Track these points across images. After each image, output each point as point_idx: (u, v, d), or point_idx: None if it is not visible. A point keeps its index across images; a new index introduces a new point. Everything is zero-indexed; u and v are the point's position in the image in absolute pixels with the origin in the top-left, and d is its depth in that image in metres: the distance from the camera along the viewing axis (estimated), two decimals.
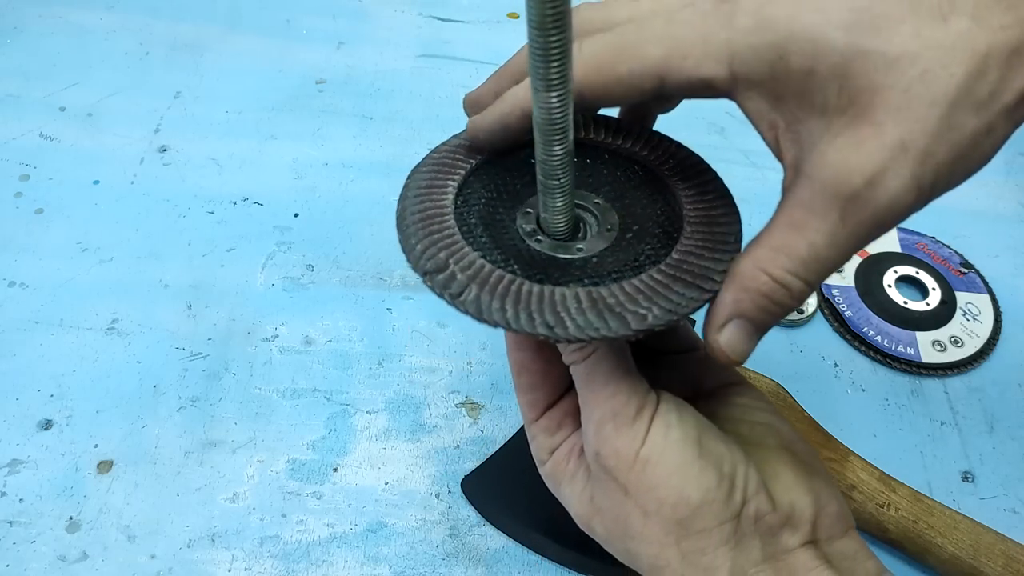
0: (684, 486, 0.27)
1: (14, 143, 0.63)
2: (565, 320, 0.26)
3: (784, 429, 0.31)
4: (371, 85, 0.69)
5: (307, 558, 0.44)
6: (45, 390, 0.49)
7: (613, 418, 0.28)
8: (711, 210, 0.31)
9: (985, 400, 0.51)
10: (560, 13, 0.22)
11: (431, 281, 0.29)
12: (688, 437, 0.28)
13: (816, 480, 0.29)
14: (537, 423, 0.32)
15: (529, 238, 0.31)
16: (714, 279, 0.28)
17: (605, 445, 0.28)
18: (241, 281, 0.55)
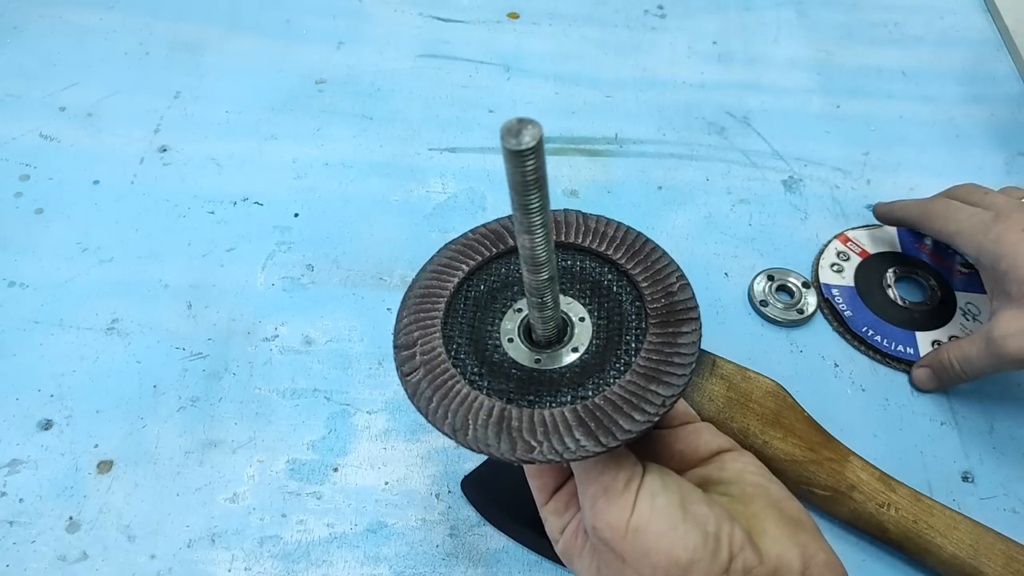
0: (672, 548, 0.29)
1: (14, 143, 0.63)
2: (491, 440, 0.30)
3: (773, 488, 0.33)
4: (371, 85, 0.69)
5: (307, 558, 0.44)
6: (45, 390, 0.50)
7: (604, 492, 0.30)
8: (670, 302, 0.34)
9: (985, 400, 0.51)
10: (534, 180, 0.25)
11: (396, 354, 0.34)
12: (672, 503, 0.30)
13: (803, 533, 0.31)
14: (547, 506, 0.34)
15: (505, 337, 0.34)
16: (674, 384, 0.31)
17: (599, 519, 0.30)
18: (241, 281, 0.55)
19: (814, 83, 0.70)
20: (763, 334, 0.54)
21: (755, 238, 0.59)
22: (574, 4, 0.76)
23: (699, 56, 0.72)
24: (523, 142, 0.24)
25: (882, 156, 0.65)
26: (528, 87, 0.69)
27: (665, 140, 0.65)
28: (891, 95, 0.69)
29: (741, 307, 0.55)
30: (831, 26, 0.75)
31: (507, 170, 0.25)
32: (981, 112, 0.68)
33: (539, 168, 0.25)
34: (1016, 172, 0.64)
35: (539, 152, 0.25)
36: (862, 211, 0.61)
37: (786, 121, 0.67)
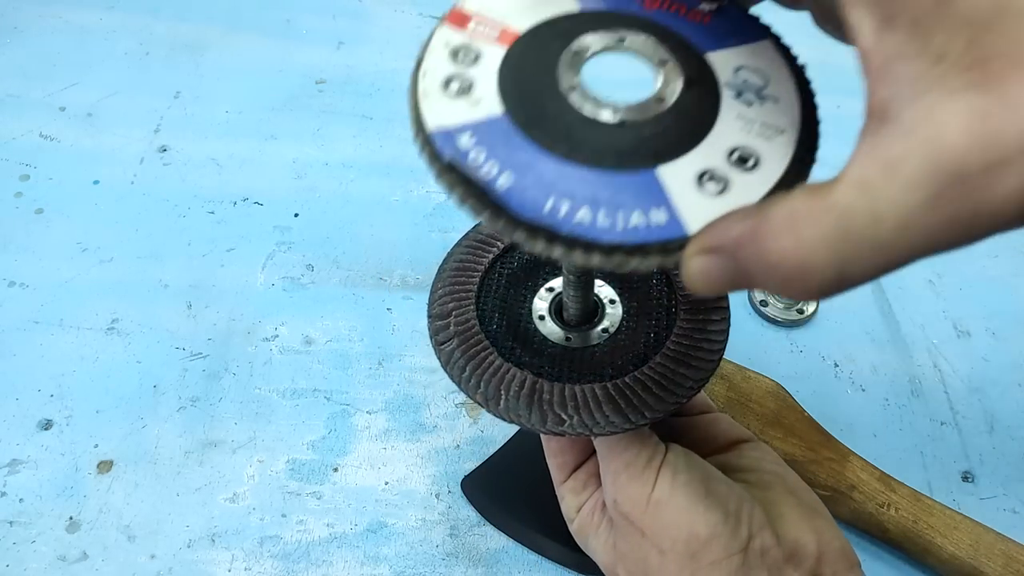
0: (693, 523, 0.29)
1: (14, 143, 0.63)
2: (522, 411, 0.31)
3: (790, 478, 0.33)
4: (371, 85, 0.69)
5: (307, 558, 0.44)
6: (45, 390, 0.49)
7: (627, 468, 0.31)
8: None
9: (985, 400, 0.51)
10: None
11: (430, 324, 0.34)
12: (694, 479, 0.30)
13: (819, 520, 0.31)
14: (565, 484, 0.35)
15: (536, 315, 0.35)
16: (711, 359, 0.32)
17: (621, 492, 0.31)
18: (241, 281, 0.55)
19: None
20: (763, 334, 0.54)
21: None
22: None
23: None
24: None
25: None
26: None
27: None
28: None
29: (741, 307, 0.55)
30: None
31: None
32: None
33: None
34: None
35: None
36: None
37: None
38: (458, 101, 0.24)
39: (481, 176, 0.23)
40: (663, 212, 0.22)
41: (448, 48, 0.25)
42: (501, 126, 0.23)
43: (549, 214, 0.22)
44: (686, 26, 0.26)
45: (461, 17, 0.26)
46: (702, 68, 0.25)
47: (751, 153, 0.23)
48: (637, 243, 0.22)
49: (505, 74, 0.25)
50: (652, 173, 0.23)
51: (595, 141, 0.23)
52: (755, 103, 0.24)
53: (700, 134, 0.24)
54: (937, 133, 0.17)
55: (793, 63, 0.26)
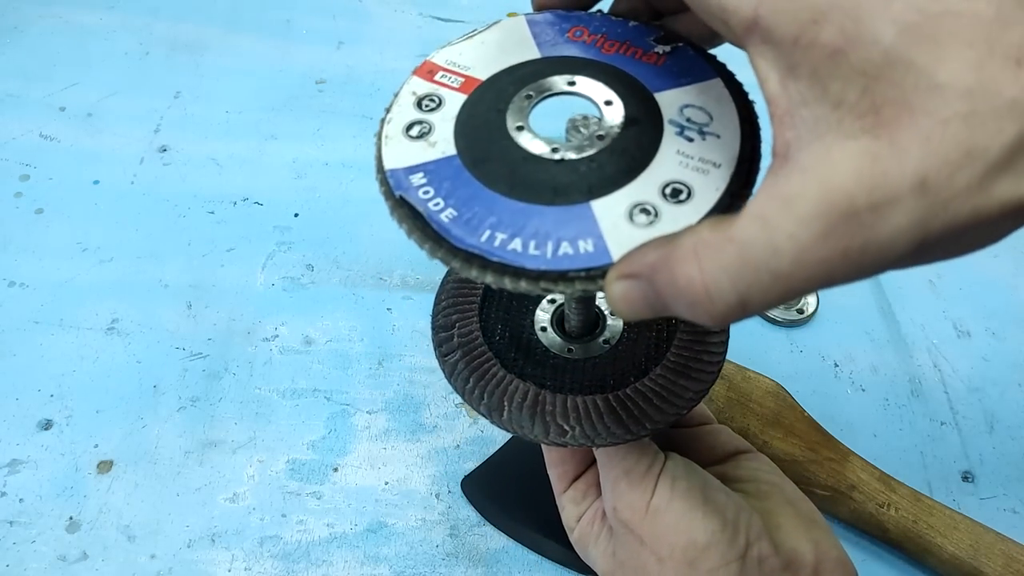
0: (691, 530, 0.29)
1: (14, 143, 0.63)
2: (525, 422, 0.31)
3: (788, 488, 0.33)
4: (371, 85, 0.69)
5: (307, 558, 0.44)
6: (45, 390, 0.49)
7: (626, 475, 0.31)
8: None
9: (985, 400, 0.51)
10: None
11: (434, 335, 0.35)
12: (693, 487, 0.30)
13: (817, 531, 0.31)
14: (566, 494, 0.35)
15: (538, 326, 0.35)
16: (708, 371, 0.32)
17: (620, 500, 0.31)
18: (241, 281, 0.55)
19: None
20: (763, 334, 0.54)
21: None
22: None
23: None
24: None
25: None
26: None
27: None
28: None
29: None
30: None
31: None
32: None
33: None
34: None
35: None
36: None
37: None
38: (417, 143, 0.27)
39: (427, 209, 0.25)
40: (591, 242, 0.24)
41: (414, 97, 0.28)
42: (452, 165, 0.26)
43: (484, 243, 0.24)
44: (640, 68, 0.28)
45: (429, 68, 0.29)
46: (648, 107, 0.27)
47: (684, 186, 0.24)
48: (562, 270, 0.23)
49: (461, 119, 0.27)
50: (586, 206, 0.24)
51: (535, 177, 0.25)
52: (696, 139, 0.26)
53: (637, 169, 0.25)
54: (831, 173, 0.18)
55: (741, 100, 0.27)
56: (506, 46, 0.29)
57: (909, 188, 0.18)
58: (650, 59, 0.28)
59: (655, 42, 0.28)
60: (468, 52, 0.29)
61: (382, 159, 0.27)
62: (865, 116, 0.19)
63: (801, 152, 0.20)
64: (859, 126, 0.19)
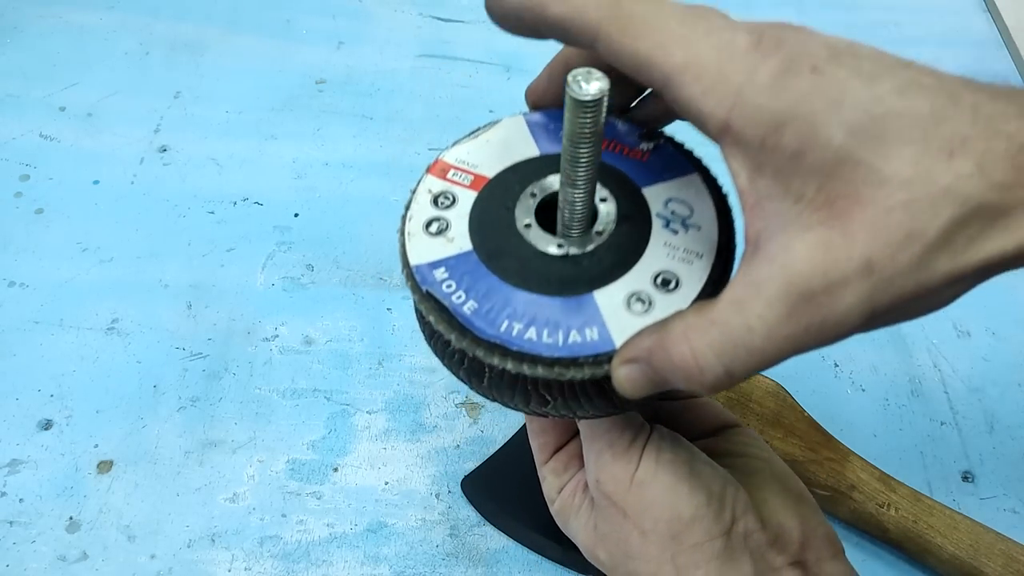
0: (676, 503, 0.29)
1: (14, 143, 0.63)
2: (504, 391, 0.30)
3: (776, 464, 0.33)
4: (371, 85, 0.69)
5: (307, 558, 0.44)
6: (45, 390, 0.50)
7: (610, 447, 0.30)
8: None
9: (985, 400, 0.51)
10: (590, 133, 0.25)
11: (414, 299, 0.32)
12: (679, 460, 0.30)
13: (804, 507, 0.31)
14: (547, 465, 0.34)
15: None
16: None
17: (604, 472, 0.30)
18: (241, 281, 0.55)
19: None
20: None
21: None
22: None
23: None
24: (589, 92, 0.24)
25: None
26: None
27: None
28: None
29: None
30: (832, 26, 0.75)
31: (565, 118, 0.25)
32: None
33: (598, 122, 0.25)
34: None
35: (601, 105, 0.24)
36: None
37: None
38: (436, 239, 0.30)
39: (451, 303, 0.28)
40: (596, 330, 0.27)
41: (430, 195, 0.31)
42: (469, 260, 0.29)
43: (504, 333, 0.27)
44: (628, 164, 0.31)
45: (442, 167, 0.32)
46: (638, 202, 0.30)
47: (673, 276, 0.28)
48: (573, 357, 0.26)
49: (474, 215, 0.30)
50: (590, 296, 0.28)
51: (543, 271, 0.28)
52: (680, 231, 0.29)
53: (631, 261, 0.28)
54: (791, 261, 0.22)
55: (717, 193, 0.30)
56: (509, 144, 0.32)
57: (856, 270, 0.21)
58: (636, 155, 0.31)
59: (640, 139, 0.32)
60: (475, 151, 0.32)
61: (407, 255, 0.29)
62: (821, 209, 0.22)
63: (768, 242, 0.23)
64: (816, 218, 0.22)
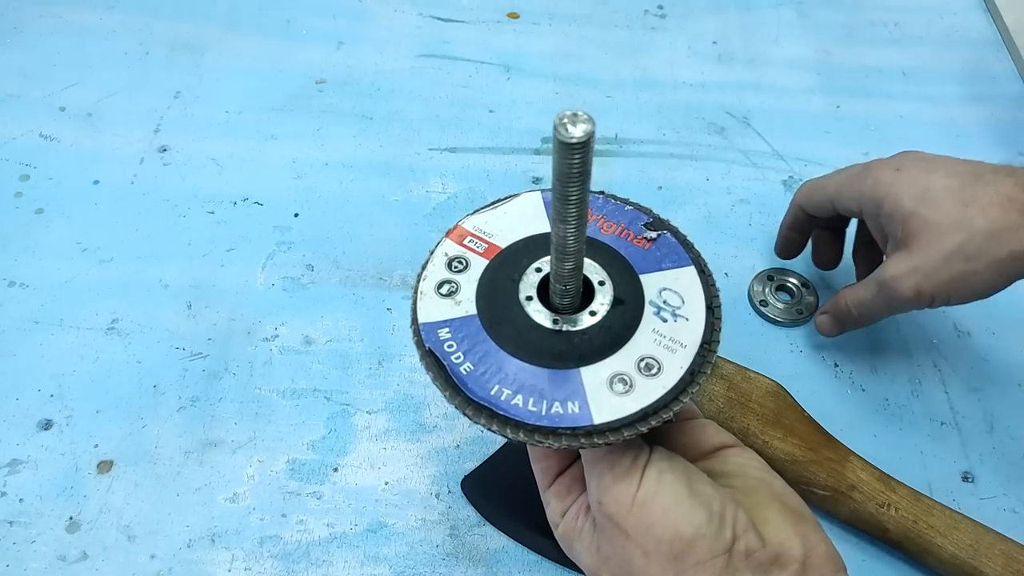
0: (677, 522, 0.29)
1: (14, 143, 0.63)
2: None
3: (775, 483, 0.33)
4: (371, 85, 0.69)
5: (307, 558, 0.44)
6: (45, 390, 0.50)
7: (611, 469, 0.31)
8: None
9: (985, 400, 0.51)
10: (579, 173, 0.26)
11: (413, 334, 0.33)
12: (679, 480, 0.30)
13: (805, 525, 0.31)
14: (551, 489, 0.35)
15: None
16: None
17: (606, 494, 0.31)
18: (241, 281, 0.55)
19: (814, 83, 0.70)
20: (763, 334, 0.54)
21: (755, 238, 0.59)
22: (574, 4, 0.76)
23: (699, 56, 0.72)
24: (575, 135, 0.24)
25: (882, 156, 0.64)
26: (528, 87, 0.69)
27: (665, 140, 0.65)
28: (891, 95, 0.69)
29: (741, 307, 0.55)
30: (831, 26, 0.75)
31: (554, 159, 0.26)
32: (981, 112, 0.68)
33: (586, 163, 0.26)
34: None
35: (588, 147, 0.25)
36: None
37: (786, 121, 0.67)
38: (445, 301, 0.32)
39: (450, 362, 0.30)
40: (578, 404, 0.29)
41: (446, 257, 0.34)
42: (472, 324, 0.31)
43: (493, 396, 0.29)
44: (631, 249, 0.34)
45: (460, 233, 0.35)
46: (634, 288, 0.32)
47: (656, 363, 0.30)
48: (553, 427, 0.28)
49: (483, 282, 0.32)
50: (576, 372, 0.30)
51: (537, 342, 0.30)
52: (669, 320, 0.31)
53: (619, 344, 0.31)
54: (887, 269, 0.45)
55: (709, 287, 0.33)
56: (523, 218, 0.35)
57: (909, 269, 0.43)
58: (639, 243, 0.34)
59: (645, 227, 0.34)
60: (492, 221, 0.35)
61: (416, 313, 0.32)
62: (902, 241, 0.43)
63: (884, 264, 0.45)
64: (899, 245, 0.44)
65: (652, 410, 0.29)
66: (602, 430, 0.29)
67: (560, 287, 0.31)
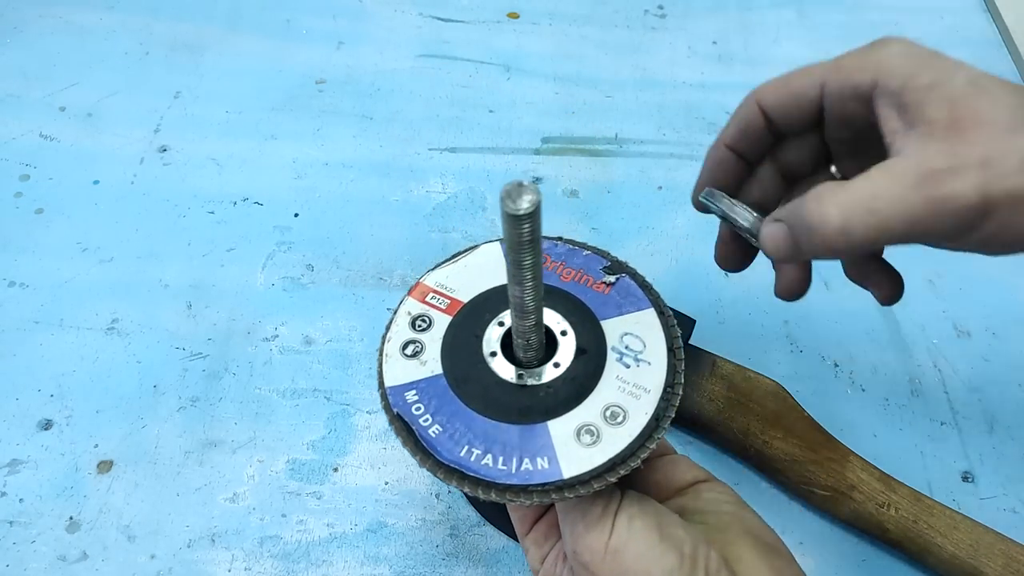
0: (649, 568, 0.29)
1: (14, 143, 0.63)
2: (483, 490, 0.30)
3: (748, 516, 0.33)
4: (371, 85, 0.69)
5: (307, 558, 0.44)
6: (45, 390, 0.49)
7: (583, 518, 0.31)
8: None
9: (985, 400, 0.51)
10: (529, 241, 0.26)
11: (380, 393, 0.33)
12: (649, 525, 0.30)
13: (779, 559, 0.31)
14: (528, 536, 0.35)
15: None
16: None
17: (579, 542, 0.31)
18: (241, 281, 0.55)
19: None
20: (763, 334, 0.54)
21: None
22: (574, 4, 0.76)
23: (699, 56, 0.72)
24: (521, 207, 0.25)
25: None
26: (528, 87, 0.69)
27: (665, 140, 0.65)
28: None
29: (741, 307, 0.55)
30: (831, 26, 0.75)
31: (504, 229, 0.26)
32: None
33: (535, 231, 0.26)
34: None
35: (536, 216, 0.25)
36: None
37: None
38: (411, 362, 0.32)
39: (418, 425, 0.30)
40: (547, 460, 0.29)
41: (409, 316, 0.33)
42: (439, 384, 0.31)
43: (463, 458, 0.29)
44: (591, 295, 0.34)
45: (422, 291, 0.34)
46: (596, 335, 0.32)
47: (621, 410, 0.30)
48: (524, 485, 0.29)
49: (447, 340, 0.33)
50: (544, 426, 0.30)
51: (504, 399, 0.31)
52: (632, 365, 0.31)
53: (584, 394, 0.31)
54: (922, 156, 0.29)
55: (668, 329, 0.33)
56: (484, 270, 0.35)
57: (976, 162, 0.27)
58: (599, 288, 0.34)
59: (603, 271, 0.34)
60: (453, 276, 0.35)
61: (383, 377, 0.32)
62: (947, 129, 0.28)
63: (903, 151, 0.29)
64: (943, 135, 0.28)
65: (620, 459, 0.29)
66: (572, 484, 0.29)
67: (522, 342, 0.31)
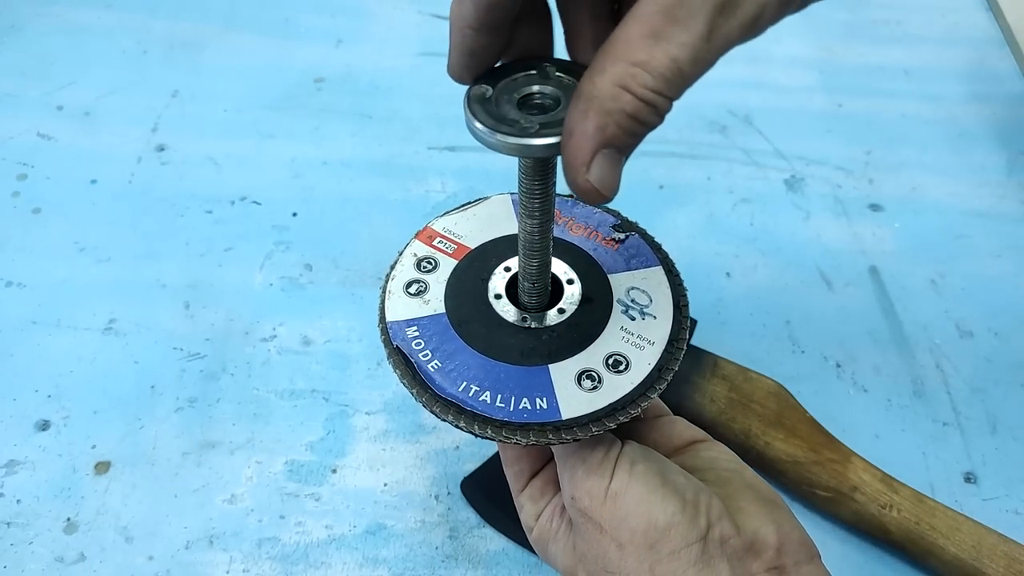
0: (651, 512, 0.29)
1: (11, 142, 0.62)
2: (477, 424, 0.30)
3: (747, 473, 0.33)
4: (370, 83, 0.68)
5: (305, 560, 0.44)
6: (42, 390, 0.49)
7: (583, 463, 0.31)
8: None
9: (988, 401, 0.51)
10: (543, 169, 0.26)
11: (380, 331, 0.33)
12: (651, 470, 0.30)
13: (778, 512, 0.31)
14: (524, 493, 0.35)
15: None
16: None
17: (579, 488, 0.30)
18: (239, 281, 0.55)
19: (816, 82, 0.70)
20: (764, 334, 0.54)
21: (757, 238, 0.59)
22: None
23: None
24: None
25: (884, 155, 0.65)
26: None
27: (666, 139, 0.65)
28: (893, 94, 0.69)
29: (743, 307, 0.55)
30: (833, 24, 0.75)
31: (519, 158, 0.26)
32: (983, 111, 0.68)
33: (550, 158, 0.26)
34: (1018, 171, 0.64)
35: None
36: (864, 211, 0.61)
37: (788, 120, 0.67)
38: (414, 300, 0.32)
39: (417, 359, 0.30)
40: (546, 400, 0.29)
41: (415, 258, 0.34)
42: (441, 323, 0.31)
43: (461, 393, 0.29)
44: (599, 250, 0.34)
45: (429, 234, 0.35)
46: (602, 286, 0.33)
47: (624, 359, 0.30)
48: (521, 422, 0.29)
49: (452, 282, 0.33)
50: (545, 368, 0.30)
51: (505, 340, 0.31)
52: (637, 318, 0.32)
53: (587, 341, 0.31)
54: None
55: (676, 287, 0.33)
56: (493, 220, 0.35)
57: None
58: (608, 244, 0.34)
59: (613, 228, 0.35)
60: (462, 223, 0.35)
61: (384, 312, 0.32)
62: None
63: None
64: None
65: (620, 405, 0.29)
66: (570, 425, 0.29)
67: (528, 284, 0.31)
